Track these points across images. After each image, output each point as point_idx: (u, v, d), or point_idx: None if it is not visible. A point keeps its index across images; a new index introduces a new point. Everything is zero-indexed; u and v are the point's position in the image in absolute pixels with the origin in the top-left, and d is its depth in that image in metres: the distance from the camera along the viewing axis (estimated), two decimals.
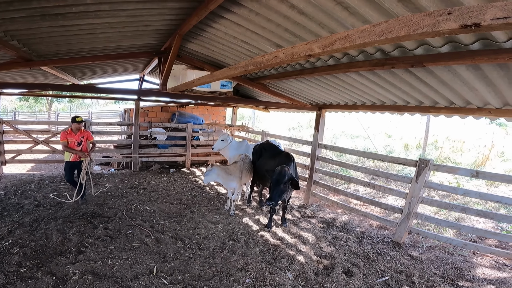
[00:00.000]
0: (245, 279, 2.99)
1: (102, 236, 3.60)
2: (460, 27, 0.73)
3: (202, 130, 8.27)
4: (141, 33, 3.84)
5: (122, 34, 3.69)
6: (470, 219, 4.96)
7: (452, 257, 3.73)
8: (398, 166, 7.76)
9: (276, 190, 3.72)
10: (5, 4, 2.24)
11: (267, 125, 14.79)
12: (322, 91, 4.50)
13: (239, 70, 2.04)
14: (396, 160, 4.67)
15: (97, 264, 2.99)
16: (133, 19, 3.20)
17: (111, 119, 18.91)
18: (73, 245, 3.34)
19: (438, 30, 0.77)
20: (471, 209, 3.82)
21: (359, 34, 0.98)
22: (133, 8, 2.86)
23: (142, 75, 8.07)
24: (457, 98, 3.17)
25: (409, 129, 13.50)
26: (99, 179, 6.12)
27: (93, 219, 4.12)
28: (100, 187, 5.61)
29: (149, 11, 3.02)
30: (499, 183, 6.60)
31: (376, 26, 0.92)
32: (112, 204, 4.77)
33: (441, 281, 3.18)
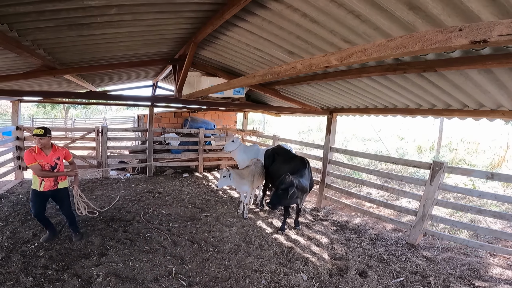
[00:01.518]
0: (260, 280, 3.05)
1: (122, 239, 3.73)
2: (470, 43, 0.79)
3: (214, 135, 8.40)
4: (158, 41, 3.97)
5: (141, 42, 3.83)
6: (485, 220, 4.89)
7: (468, 258, 3.71)
8: (411, 168, 7.70)
9: (274, 194, 3.89)
10: (36, 14, 2.35)
11: (277, 129, 14.85)
12: (333, 95, 4.55)
13: (257, 79, 2.13)
14: (410, 163, 4.66)
15: (119, 267, 3.11)
16: (152, 28, 3.32)
17: (124, 125, 19.34)
18: (96, 248, 3.48)
19: (450, 45, 0.83)
20: (487, 211, 3.79)
21: (375, 48, 1.05)
22: (153, 18, 2.98)
23: (155, 81, 8.29)
24: (470, 101, 3.17)
25: (421, 131, 13.29)
26: (116, 184, 6.31)
27: (112, 222, 4.26)
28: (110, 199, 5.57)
29: (167, 20, 3.14)
30: None
31: (392, 41, 0.99)
32: (130, 208, 4.92)
33: (457, 282, 3.17)
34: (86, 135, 7.07)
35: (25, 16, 2.31)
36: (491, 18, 1.63)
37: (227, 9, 2.68)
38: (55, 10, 2.34)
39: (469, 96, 3.05)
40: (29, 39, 2.85)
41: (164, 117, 8.37)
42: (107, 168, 7.00)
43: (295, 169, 4.25)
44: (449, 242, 4.07)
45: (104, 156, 6.87)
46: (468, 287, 3.11)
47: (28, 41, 2.88)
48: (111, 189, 5.94)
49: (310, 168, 4.47)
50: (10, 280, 2.75)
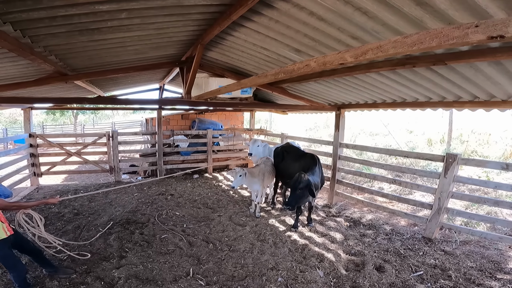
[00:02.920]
0: (277, 277, 3.09)
1: (139, 241, 3.81)
2: (487, 38, 0.81)
3: (222, 135, 8.47)
4: (165, 44, 4.02)
5: (149, 46, 3.88)
6: (502, 212, 4.81)
7: (487, 251, 3.67)
8: (422, 162, 7.62)
9: (292, 195, 3.83)
10: (48, 19, 2.37)
11: (284, 127, 14.84)
12: (341, 91, 4.55)
13: (269, 78, 2.15)
14: (423, 156, 4.63)
15: (139, 268, 3.19)
16: (160, 31, 3.36)
17: (132, 128, 19.59)
18: (115, 251, 3.57)
19: (467, 41, 0.85)
20: (504, 202, 3.76)
21: (391, 44, 1.07)
22: (161, 21, 3.01)
23: (162, 84, 8.39)
24: (480, 92, 3.15)
25: (431, 124, 13.11)
26: (128, 187, 6.44)
27: (129, 225, 4.36)
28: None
29: (175, 23, 3.17)
30: None
31: (408, 37, 1.01)
32: (144, 210, 5.02)
33: (478, 275, 3.14)
34: (98, 140, 7.21)
35: (38, 22, 2.35)
36: (498, 12, 1.63)
37: (234, 10, 2.71)
38: (67, 16, 2.37)
39: (479, 87, 3.03)
40: (42, 45, 2.89)
41: (172, 120, 8.47)
42: (119, 172, 7.13)
43: (306, 167, 4.26)
44: (467, 235, 4.03)
45: (116, 160, 7.00)
46: (491, 279, 3.07)
47: (41, 47, 2.91)
48: (124, 193, 6.05)
49: (320, 165, 4.49)
50: (36, 285, 2.85)
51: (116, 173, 7.09)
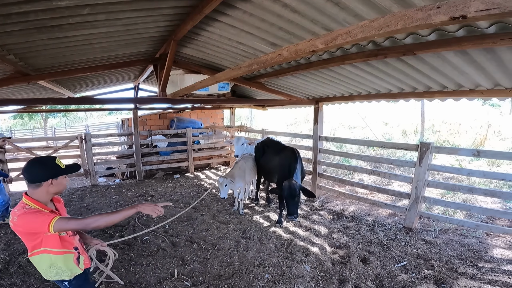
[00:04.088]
0: (264, 274, 3.08)
1: (120, 244, 3.69)
2: (449, 19, 0.82)
3: (202, 133, 8.35)
4: (136, 41, 3.88)
5: (117, 43, 3.73)
6: (477, 199, 4.98)
7: (466, 239, 3.77)
8: (399, 152, 7.88)
9: (292, 204, 3.74)
10: (2, 17, 2.23)
11: (265, 123, 14.88)
12: (318, 84, 4.59)
13: (243, 70, 2.12)
14: (398, 145, 4.78)
15: (120, 272, 3.09)
16: (129, 28, 3.23)
17: (108, 130, 18.91)
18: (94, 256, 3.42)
19: (431, 22, 0.86)
20: (478, 189, 3.88)
21: (360, 29, 1.07)
22: (129, 17, 2.89)
23: (136, 83, 8.12)
24: (449, 82, 3.27)
25: (405, 116, 13.65)
26: (106, 191, 6.20)
27: (107, 228, 4.21)
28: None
29: (144, 18, 3.06)
30: (501, 162, 6.68)
31: (375, 21, 1.02)
32: None
33: (460, 263, 3.21)
34: (69, 143, 6.88)
35: None
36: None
37: (206, 3, 2.64)
38: (22, 13, 2.23)
39: (448, 78, 3.15)
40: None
41: (149, 120, 8.24)
42: (95, 175, 6.85)
43: (286, 161, 4.27)
44: (445, 224, 4.12)
45: (91, 163, 6.72)
46: (472, 268, 3.14)
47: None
48: (101, 196, 5.85)
49: (300, 158, 4.52)
50: None
51: (92, 177, 6.80)
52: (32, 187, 1.66)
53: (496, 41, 1.90)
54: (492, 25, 1.91)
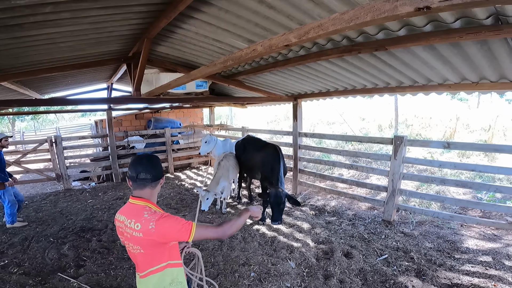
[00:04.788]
0: (250, 273, 3.07)
1: (98, 249, 3.59)
2: (415, 10, 0.85)
3: (181, 133, 8.20)
4: (106, 40, 3.72)
5: (85, 42, 3.56)
6: (449, 191, 5.17)
7: (442, 230, 3.90)
8: (375, 146, 8.14)
9: (277, 211, 3.71)
10: None
11: (245, 122, 14.88)
12: (296, 81, 4.64)
13: (218, 67, 2.09)
14: (374, 140, 4.93)
15: (100, 276, 2.99)
16: (97, 26, 3.09)
17: (81, 133, 18.10)
18: (71, 260, 3.32)
19: (397, 13, 0.89)
20: (450, 180, 4.02)
21: (331, 22, 1.08)
22: (96, 15, 2.76)
23: (110, 83, 7.81)
24: (419, 77, 3.42)
25: (380, 111, 14.15)
26: (80, 194, 5.95)
27: (84, 233, 4.07)
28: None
29: (113, 16, 2.93)
30: (470, 153, 7.01)
31: (345, 13, 1.03)
32: (101, 216, 4.71)
33: (438, 255, 3.30)
34: (38, 146, 6.52)
35: None
36: None
37: (180, 0, 2.58)
38: None
39: (418, 72, 3.28)
40: None
41: (125, 120, 7.97)
42: (68, 179, 6.54)
43: (268, 158, 4.28)
44: (422, 216, 4.25)
45: (63, 167, 6.40)
46: (450, 259, 3.22)
47: None
48: (76, 200, 5.62)
49: (282, 155, 4.52)
50: None
51: (65, 181, 6.49)
52: (150, 187, 1.47)
53: (462, 36, 2.00)
54: (457, 20, 2.01)
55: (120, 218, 1.47)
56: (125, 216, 1.44)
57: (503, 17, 1.84)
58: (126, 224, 1.41)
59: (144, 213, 1.38)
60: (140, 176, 1.44)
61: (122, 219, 1.45)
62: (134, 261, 1.49)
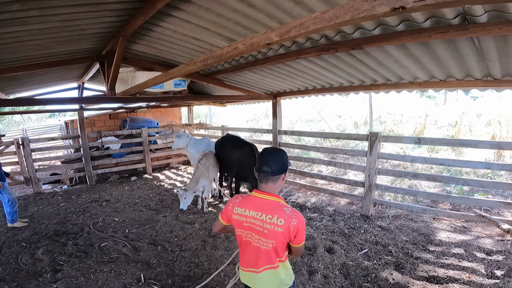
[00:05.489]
0: (235, 272, 3.06)
1: (75, 253, 3.46)
2: (391, 9, 0.90)
3: (159, 133, 8.01)
4: (77, 38, 3.55)
5: (54, 40, 3.39)
6: (421, 185, 5.39)
7: (416, 224, 4.05)
8: (352, 143, 8.38)
9: None
10: None
11: (225, 120, 14.79)
12: (275, 79, 4.69)
13: (198, 65, 2.08)
14: (350, 136, 5.10)
15: (80, 281, 2.88)
16: (68, 24, 2.95)
17: (50, 134, 17.12)
18: (47, 265, 3.18)
19: (375, 13, 0.94)
20: (421, 175, 4.23)
21: (312, 21, 1.11)
22: (66, 13, 2.64)
23: (81, 82, 7.45)
24: (392, 75, 3.58)
25: (355, 108, 14.61)
26: (52, 198, 5.67)
27: (58, 237, 3.90)
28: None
29: (87, 14, 2.81)
30: (439, 148, 7.37)
31: (325, 13, 1.07)
32: (75, 220, 4.52)
33: (414, 248, 3.43)
34: (4, 149, 6.11)
35: None
36: None
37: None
38: None
39: (390, 71, 3.44)
40: None
41: (98, 121, 7.65)
42: (38, 182, 6.19)
43: (242, 156, 4.30)
44: (397, 210, 4.42)
45: (31, 170, 6.05)
46: (425, 252, 3.34)
47: None
48: (47, 204, 5.36)
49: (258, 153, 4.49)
50: None
51: (34, 184, 6.14)
52: (271, 181, 1.48)
53: (431, 35, 2.12)
54: (427, 20, 2.13)
55: (245, 212, 1.49)
56: (259, 211, 1.45)
57: (470, 16, 1.97)
58: (264, 219, 1.43)
59: (285, 209, 1.43)
60: (263, 168, 1.47)
61: (251, 213, 1.47)
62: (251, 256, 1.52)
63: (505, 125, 8.66)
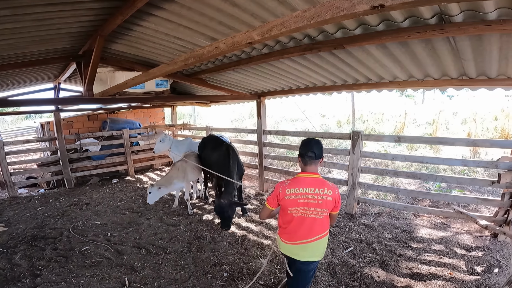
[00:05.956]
0: (222, 273, 3.04)
1: (54, 257, 3.34)
2: (370, 8, 0.91)
3: (141, 134, 7.82)
4: (52, 37, 3.40)
5: (28, 39, 3.24)
6: (402, 182, 5.52)
7: (398, 221, 4.14)
8: (335, 141, 8.49)
9: (222, 219, 3.66)
10: None
11: (209, 121, 14.65)
12: (259, 79, 4.68)
13: (179, 65, 2.03)
14: (334, 135, 5.18)
15: (61, 286, 2.79)
16: (42, 23, 2.83)
17: (25, 136, 16.37)
18: (25, 270, 3.06)
19: (355, 12, 0.95)
20: (401, 172, 4.32)
21: (293, 19, 1.11)
22: (40, 12, 2.53)
23: (57, 83, 7.15)
24: (372, 75, 3.66)
25: (338, 108, 14.89)
26: (29, 202, 5.47)
27: (36, 242, 3.75)
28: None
29: (62, 13, 2.69)
30: (418, 146, 7.60)
31: (307, 11, 1.07)
32: (53, 224, 4.35)
33: (397, 245, 3.51)
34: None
35: None
36: None
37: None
38: None
39: (371, 70, 3.51)
40: None
41: (76, 122, 7.37)
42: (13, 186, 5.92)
43: (220, 158, 4.26)
44: (379, 207, 4.51)
45: (6, 174, 5.76)
46: (407, 249, 3.42)
47: None
48: (24, 208, 5.14)
49: (235, 154, 4.39)
50: None
51: (10, 188, 5.86)
52: (313, 164, 1.94)
53: (410, 35, 2.18)
54: (406, 19, 2.18)
55: (299, 190, 1.89)
56: (312, 187, 1.88)
57: (446, 16, 2.03)
58: (318, 192, 1.88)
59: (328, 183, 1.94)
60: (308, 154, 1.90)
61: (304, 190, 1.88)
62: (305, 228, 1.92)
63: (480, 123, 9.08)
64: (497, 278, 2.76)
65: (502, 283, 2.51)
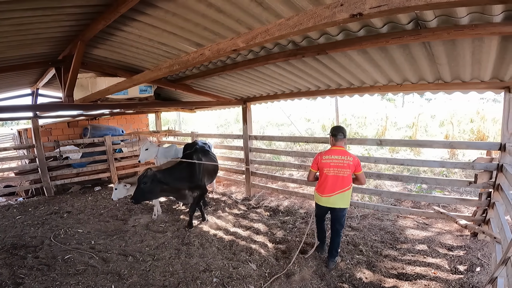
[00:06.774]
0: (212, 279, 3.00)
1: (36, 266, 3.24)
2: (350, 16, 0.96)
3: (124, 141, 7.65)
4: (30, 42, 3.29)
5: (5, 44, 3.14)
6: (385, 184, 5.65)
7: (382, 222, 4.21)
8: (321, 146, 8.61)
9: (137, 190, 3.69)
10: None
11: (195, 126, 14.53)
12: (245, 85, 4.72)
13: (164, 71, 2.03)
14: (319, 140, 5.26)
15: None
16: (20, 28, 2.74)
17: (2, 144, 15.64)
18: (6, 278, 2.96)
19: (335, 20, 0.99)
20: (384, 175, 4.46)
21: (277, 27, 1.15)
22: (19, 17, 2.46)
23: (35, 89, 6.90)
24: (354, 80, 3.78)
25: (323, 112, 15.16)
26: (7, 211, 5.25)
27: (16, 250, 3.63)
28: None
29: (41, 18, 2.62)
30: (399, 149, 7.82)
31: (290, 19, 1.11)
32: (34, 233, 4.21)
33: (382, 246, 3.56)
34: None
35: None
36: None
37: (122, 2, 2.41)
38: None
39: (353, 75, 3.63)
40: None
41: (56, 129, 7.12)
42: None
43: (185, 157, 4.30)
44: (364, 209, 4.58)
45: None
46: (393, 250, 3.47)
47: None
48: (2, 217, 4.96)
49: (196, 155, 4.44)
50: None
51: None
52: (342, 142, 3.11)
53: (388, 40, 2.28)
54: (385, 25, 2.28)
55: (331, 157, 3.03)
56: (339, 155, 3.02)
57: (422, 22, 2.14)
58: (343, 158, 3.00)
59: (350, 152, 3.11)
60: (338, 135, 3.08)
61: (334, 157, 3.02)
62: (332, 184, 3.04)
63: (457, 125, 9.49)
64: (479, 277, 2.84)
65: (484, 282, 2.58)
